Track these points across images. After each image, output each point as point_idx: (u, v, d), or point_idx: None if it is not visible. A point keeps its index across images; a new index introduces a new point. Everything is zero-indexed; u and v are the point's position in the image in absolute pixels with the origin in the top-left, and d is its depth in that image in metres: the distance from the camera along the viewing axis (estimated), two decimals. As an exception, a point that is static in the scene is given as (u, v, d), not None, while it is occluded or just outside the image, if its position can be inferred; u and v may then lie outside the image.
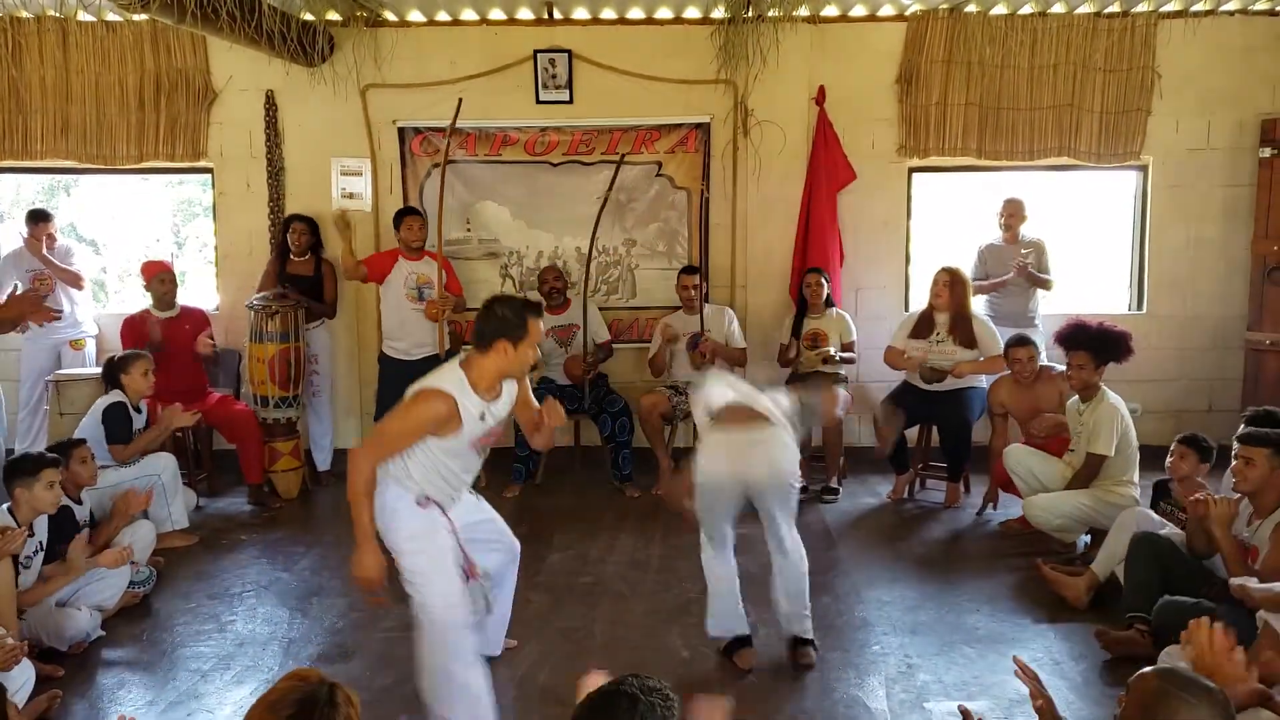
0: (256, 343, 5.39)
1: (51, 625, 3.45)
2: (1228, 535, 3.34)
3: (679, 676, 3.34)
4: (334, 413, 6.04)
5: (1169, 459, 4.04)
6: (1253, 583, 2.92)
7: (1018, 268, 5.66)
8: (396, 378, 5.46)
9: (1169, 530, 3.73)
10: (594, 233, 5.53)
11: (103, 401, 4.68)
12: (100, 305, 6.41)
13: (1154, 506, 4.14)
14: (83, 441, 4.15)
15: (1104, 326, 4.54)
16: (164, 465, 4.70)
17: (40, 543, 3.59)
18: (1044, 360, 5.08)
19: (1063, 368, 4.78)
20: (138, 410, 4.77)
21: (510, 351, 2.84)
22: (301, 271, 5.73)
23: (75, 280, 6.02)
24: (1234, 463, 3.37)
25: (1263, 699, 2.30)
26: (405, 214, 5.55)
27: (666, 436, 5.65)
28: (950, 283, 5.26)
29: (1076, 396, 4.51)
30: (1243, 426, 3.66)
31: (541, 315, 2.99)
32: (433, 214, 5.85)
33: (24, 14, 5.89)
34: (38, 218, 5.83)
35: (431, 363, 5.43)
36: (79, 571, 3.60)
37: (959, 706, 2.33)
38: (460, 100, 5.42)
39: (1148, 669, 1.90)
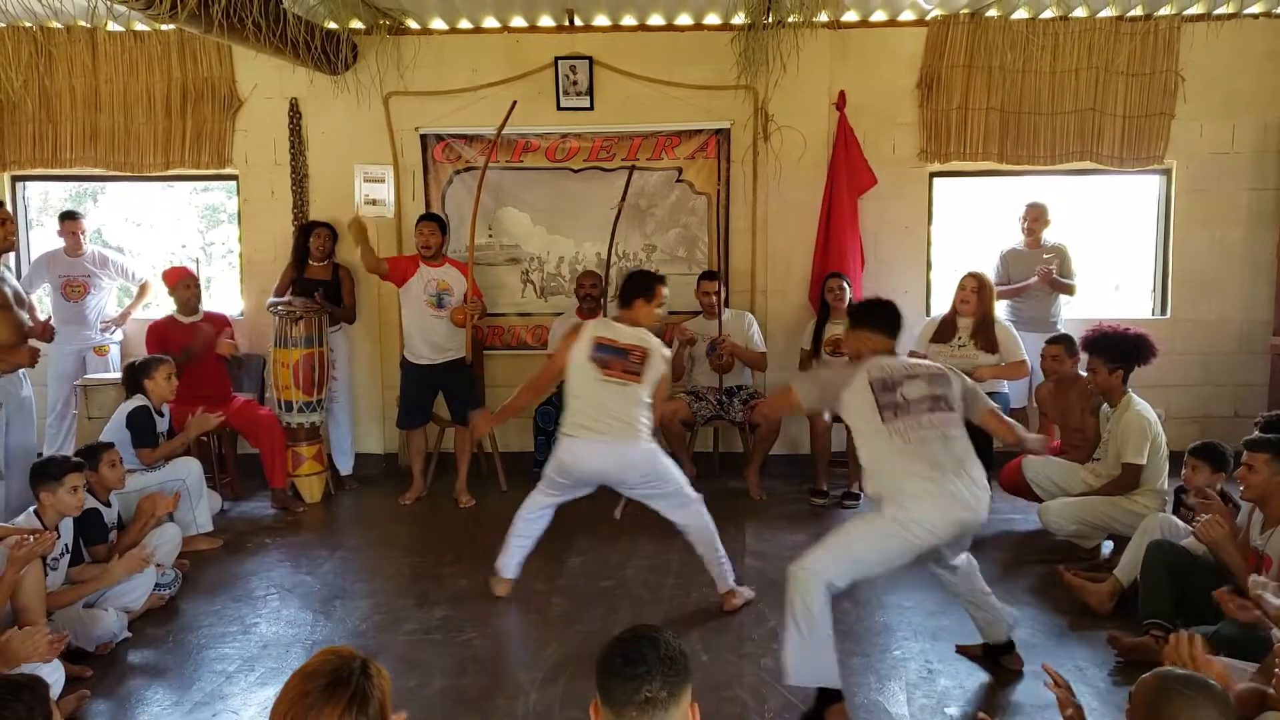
0: (281, 348, 5.45)
1: (79, 626, 3.49)
2: (1232, 555, 3.32)
3: (699, 680, 3.33)
4: (353, 417, 6.09)
5: (1184, 471, 4.00)
6: (1271, 594, 2.88)
7: (1041, 273, 5.63)
8: (418, 383, 5.52)
9: (1191, 541, 3.71)
10: (610, 243, 5.54)
11: (126, 406, 4.74)
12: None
13: (1175, 512, 4.11)
14: (111, 445, 4.22)
15: (1118, 330, 4.48)
16: (189, 470, 4.75)
17: (66, 545, 3.64)
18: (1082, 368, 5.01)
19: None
20: (160, 414, 4.83)
21: (644, 306, 3.91)
22: (320, 276, 5.79)
23: (144, 291, 6.23)
24: (1239, 470, 3.35)
25: (1270, 702, 2.30)
26: (420, 220, 5.60)
27: (687, 441, 5.65)
28: (978, 288, 5.24)
29: (1106, 404, 4.48)
30: (1255, 433, 3.63)
31: (664, 284, 3.98)
32: (459, 220, 5.92)
33: (54, 24, 6.00)
34: (65, 216, 5.96)
35: (457, 367, 5.48)
36: (111, 581, 3.65)
37: (979, 715, 2.33)
38: (514, 102, 5.44)
39: (1149, 673, 1.93)
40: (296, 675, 1.64)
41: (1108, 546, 4.49)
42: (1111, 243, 6.57)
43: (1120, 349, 4.38)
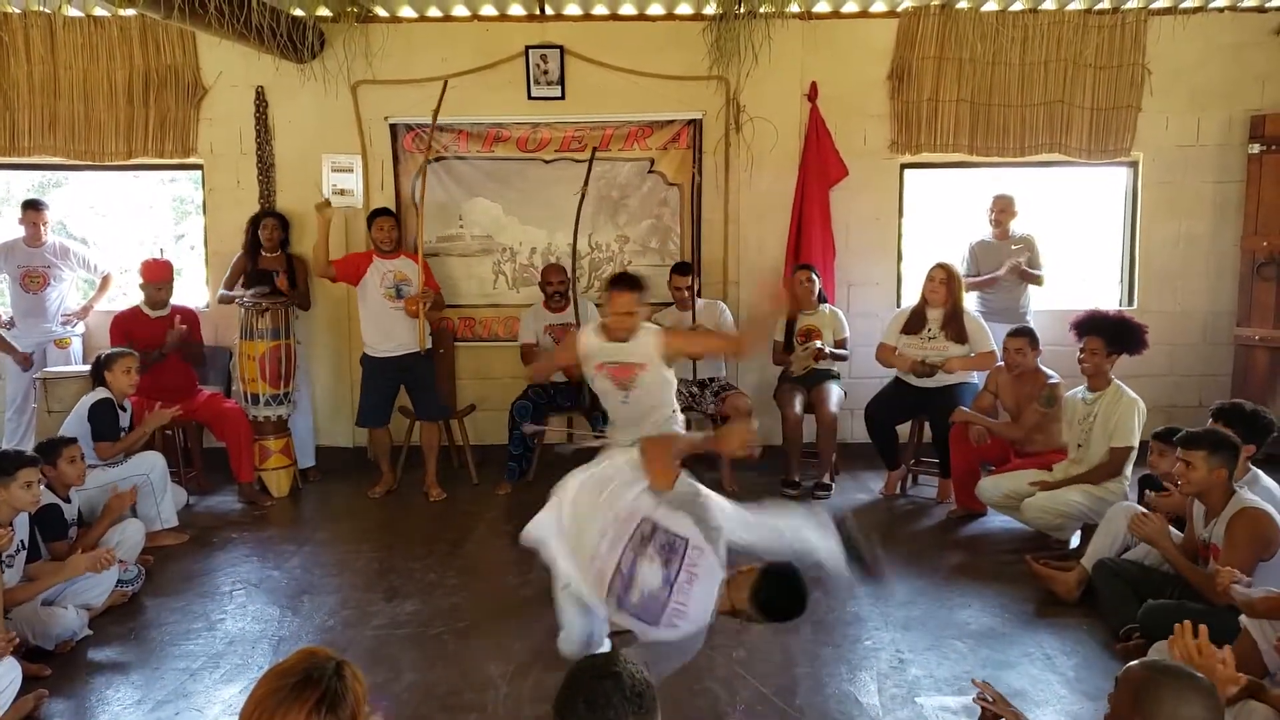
0: (247, 340, 5.37)
1: (38, 624, 3.42)
2: (1169, 548, 3.43)
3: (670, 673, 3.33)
4: (313, 408, 6.02)
5: (1150, 456, 4.06)
6: (1241, 588, 2.92)
7: (1011, 267, 5.67)
8: (378, 378, 5.46)
9: (1133, 552, 3.78)
10: (575, 230, 5.48)
11: (89, 399, 4.65)
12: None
13: (1141, 500, 4.16)
14: (74, 441, 4.12)
15: (1121, 316, 4.56)
16: (153, 464, 4.68)
17: (21, 541, 3.55)
18: (1041, 359, 5.04)
19: (1055, 376, 4.79)
20: (123, 408, 4.75)
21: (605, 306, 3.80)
22: (274, 267, 5.72)
23: (105, 285, 6.13)
24: (1176, 466, 3.40)
25: (1252, 690, 2.32)
26: (377, 214, 5.54)
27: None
28: (946, 279, 5.26)
29: (1081, 387, 4.52)
30: (1210, 421, 3.68)
31: (625, 289, 3.68)
32: (431, 211, 5.87)
33: (10, 9, 5.85)
34: (27, 205, 5.83)
35: (413, 360, 5.42)
36: (73, 572, 3.57)
37: (976, 698, 2.37)
38: (445, 82, 5.37)
39: (1135, 662, 1.94)
40: (270, 672, 1.63)
41: (1075, 539, 4.54)
42: (1079, 234, 6.63)
43: (1125, 335, 4.45)
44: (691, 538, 2.61)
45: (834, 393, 5.47)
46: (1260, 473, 3.58)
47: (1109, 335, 4.42)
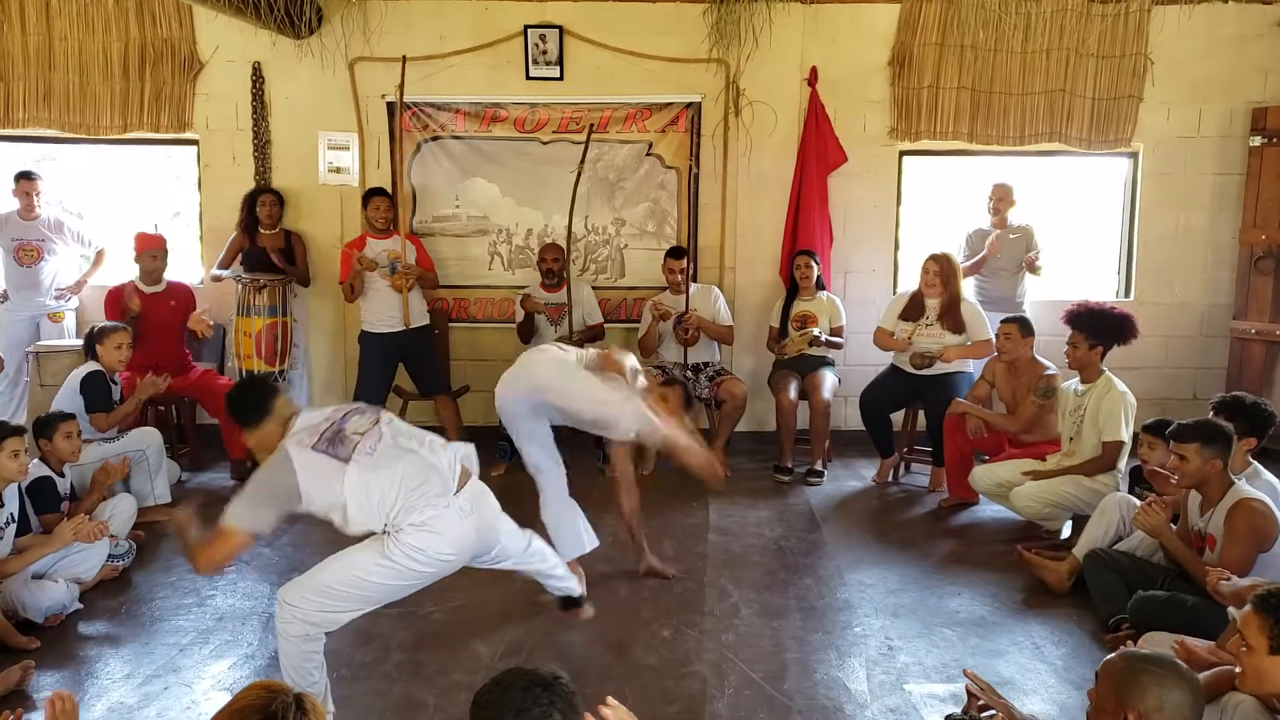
0: (244, 316, 5.36)
1: (28, 597, 3.42)
2: (1171, 539, 3.44)
3: (660, 655, 3.35)
4: (310, 385, 6.00)
5: (1140, 449, 4.06)
6: (1229, 583, 2.93)
7: (1026, 261, 5.67)
8: (378, 356, 5.48)
9: (1125, 542, 3.80)
10: (570, 208, 5.44)
11: (79, 371, 4.65)
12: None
13: (1132, 491, 4.18)
14: (71, 416, 4.14)
15: (1103, 308, 4.53)
16: (150, 440, 4.69)
17: (11, 514, 3.55)
18: (1038, 349, 5.04)
19: (1052, 367, 4.79)
20: (114, 382, 4.74)
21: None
22: (271, 244, 5.71)
23: (99, 259, 6.07)
24: (1170, 460, 3.41)
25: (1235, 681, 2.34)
26: (372, 194, 5.56)
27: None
28: (940, 272, 5.24)
29: (1074, 379, 4.52)
30: (1210, 414, 3.68)
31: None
32: (425, 190, 5.83)
33: (5, -22, 5.80)
34: (20, 176, 5.79)
35: (410, 336, 5.42)
36: (61, 543, 3.56)
37: (967, 687, 2.38)
38: (404, 57, 5.39)
39: (1114, 654, 1.96)
40: (224, 711, 1.58)
41: (1066, 529, 4.55)
42: (1078, 225, 6.61)
43: (1103, 326, 4.43)
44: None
45: (828, 379, 5.47)
46: (1261, 467, 3.57)
47: (1089, 328, 4.41)
